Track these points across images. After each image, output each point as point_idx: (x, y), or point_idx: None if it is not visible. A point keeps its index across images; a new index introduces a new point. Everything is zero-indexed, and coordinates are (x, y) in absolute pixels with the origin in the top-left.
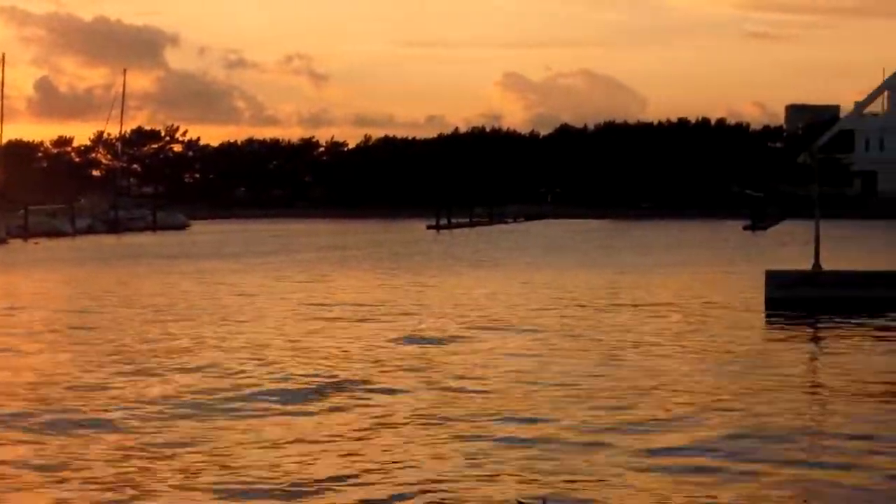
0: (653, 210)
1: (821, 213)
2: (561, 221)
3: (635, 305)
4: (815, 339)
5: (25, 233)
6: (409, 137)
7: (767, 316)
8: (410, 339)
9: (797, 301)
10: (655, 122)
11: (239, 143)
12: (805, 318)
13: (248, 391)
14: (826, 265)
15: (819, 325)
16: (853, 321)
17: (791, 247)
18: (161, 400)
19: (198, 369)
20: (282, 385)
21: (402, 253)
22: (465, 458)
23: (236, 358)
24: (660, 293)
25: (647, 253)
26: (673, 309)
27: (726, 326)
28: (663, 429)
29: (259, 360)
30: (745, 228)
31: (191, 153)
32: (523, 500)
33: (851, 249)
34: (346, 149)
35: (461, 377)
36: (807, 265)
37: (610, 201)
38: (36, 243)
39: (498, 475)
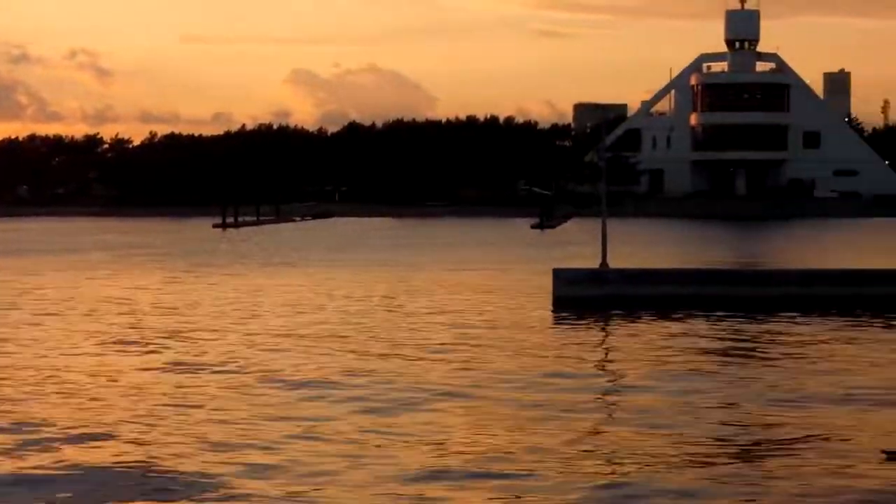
0: (442, 208)
1: (608, 211)
2: (349, 220)
3: (424, 304)
4: (600, 336)
5: None
6: (196, 135)
7: (554, 313)
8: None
9: (585, 299)
10: (444, 119)
11: (21, 139)
12: (591, 316)
13: None
14: (613, 263)
15: (604, 322)
16: (638, 317)
17: (579, 245)
18: None
19: None
20: None
21: (189, 252)
22: None
23: None
24: (449, 292)
25: (435, 251)
26: (461, 309)
27: (513, 325)
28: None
29: None
30: (533, 226)
31: None
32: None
33: (638, 247)
34: (131, 146)
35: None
36: (594, 263)
37: (399, 199)
38: None
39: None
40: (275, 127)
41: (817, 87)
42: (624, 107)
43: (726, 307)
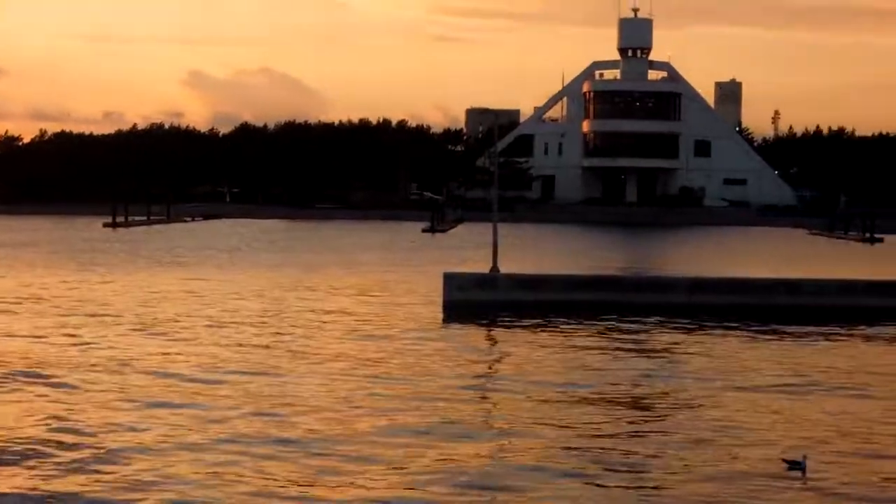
0: (333, 210)
1: (500, 216)
2: (240, 221)
3: (313, 306)
4: (488, 340)
5: None
6: (86, 133)
7: (444, 318)
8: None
9: (475, 303)
10: (337, 122)
11: None
12: (480, 320)
13: None
14: (504, 268)
15: (492, 327)
16: (527, 323)
17: (470, 249)
18: None
19: None
20: None
21: (79, 250)
22: None
23: None
24: (339, 295)
25: (326, 253)
26: (351, 312)
27: (403, 329)
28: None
29: None
30: (424, 230)
31: None
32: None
33: (529, 252)
34: (20, 144)
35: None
36: (485, 268)
37: (290, 201)
38: None
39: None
40: (166, 126)
41: (709, 96)
42: (516, 112)
43: (616, 313)
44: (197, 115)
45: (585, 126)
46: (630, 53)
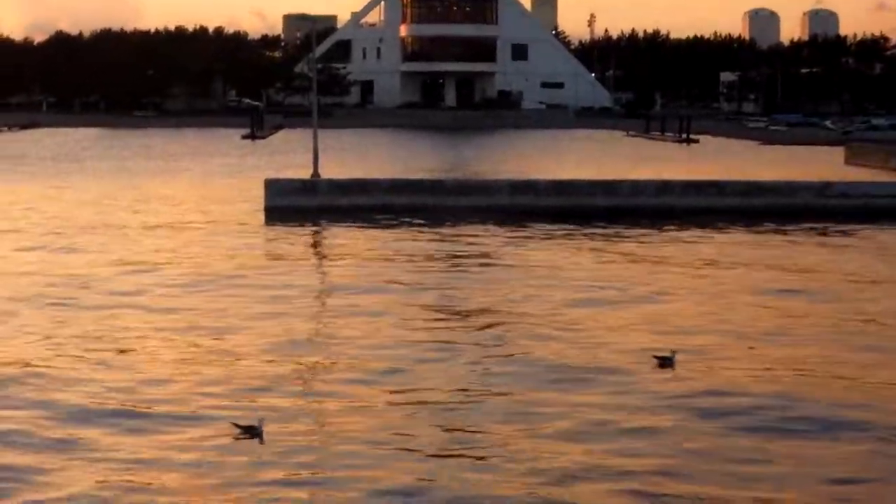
0: (151, 118)
1: (319, 122)
2: (57, 130)
3: (131, 213)
4: (306, 245)
5: None
6: None
7: (266, 223)
8: None
9: (297, 209)
10: (153, 29)
11: None
12: (301, 225)
13: None
14: (325, 173)
15: (312, 232)
16: (347, 226)
17: (290, 155)
18: None
19: None
20: None
21: None
22: None
23: None
24: (161, 203)
25: (143, 162)
26: (170, 220)
27: (226, 235)
28: None
29: None
30: (244, 137)
31: None
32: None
33: (350, 157)
34: None
35: None
36: (306, 173)
37: (106, 109)
38: None
39: None
40: None
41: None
42: (334, 18)
43: (437, 216)
44: (10, 23)
45: (403, 30)
46: None
